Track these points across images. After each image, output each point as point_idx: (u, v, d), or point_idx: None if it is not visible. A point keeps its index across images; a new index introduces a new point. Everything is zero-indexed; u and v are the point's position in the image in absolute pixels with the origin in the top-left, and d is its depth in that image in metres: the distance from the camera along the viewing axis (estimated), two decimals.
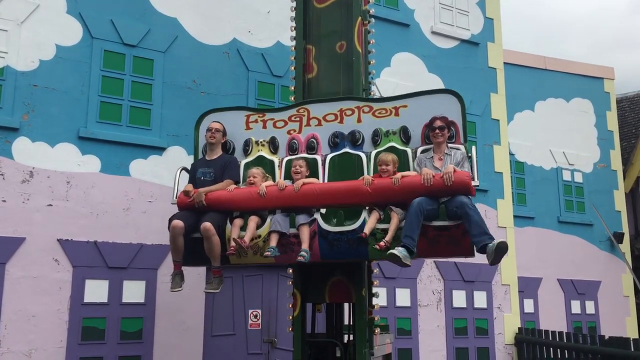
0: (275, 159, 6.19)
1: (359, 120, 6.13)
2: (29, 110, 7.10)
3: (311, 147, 6.15)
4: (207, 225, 5.56)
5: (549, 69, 12.87)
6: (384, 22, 9.44)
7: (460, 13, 10.59)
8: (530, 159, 12.30)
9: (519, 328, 9.99)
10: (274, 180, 5.95)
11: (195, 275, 7.66)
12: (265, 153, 6.26)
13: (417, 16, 10.12)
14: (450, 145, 5.76)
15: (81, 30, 7.53)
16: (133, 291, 7.32)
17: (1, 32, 7.07)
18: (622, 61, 36.60)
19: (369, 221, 5.44)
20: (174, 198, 6.00)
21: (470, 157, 5.63)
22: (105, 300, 7.15)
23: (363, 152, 6.01)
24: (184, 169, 6.31)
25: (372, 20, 7.00)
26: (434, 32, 10.21)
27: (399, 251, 5.11)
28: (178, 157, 7.81)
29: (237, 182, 5.99)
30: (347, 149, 6.06)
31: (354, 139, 6.09)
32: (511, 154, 11.66)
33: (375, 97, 6.57)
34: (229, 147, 6.37)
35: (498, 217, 10.22)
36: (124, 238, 7.36)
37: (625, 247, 12.80)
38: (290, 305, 6.21)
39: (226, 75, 8.31)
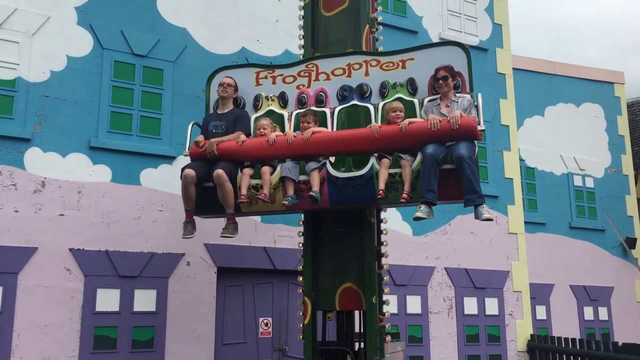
0: (285, 113, 6.33)
1: (366, 74, 6.24)
2: (41, 120, 7.17)
3: (320, 101, 6.29)
4: (219, 172, 5.77)
5: (558, 74, 12.83)
6: (392, 29, 9.45)
7: (469, 19, 10.59)
8: (541, 164, 12.25)
9: (531, 335, 9.92)
10: (282, 132, 6.08)
11: (206, 283, 7.69)
12: (275, 107, 6.40)
13: (425, 23, 10.13)
14: (457, 94, 5.86)
15: (92, 41, 7.60)
16: (144, 300, 7.34)
17: (13, 43, 7.14)
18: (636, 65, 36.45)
19: (381, 173, 5.57)
20: (187, 150, 6.21)
21: (476, 106, 5.73)
22: (117, 309, 7.18)
23: (371, 104, 6.11)
24: (196, 123, 6.50)
25: (380, 27, 7.02)
26: (442, 39, 10.21)
27: (422, 212, 5.38)
28: None
29: (247, 134, 6.16)
30: (355, 102, 6.17)
31: (362, 92, 6.20)
32: (521, 160, 11.62)
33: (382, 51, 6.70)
34: (239, 102, 6.54)
35: (509, 223, 10.18)
36: (135, 247, 7.39)
37: (637, 252, 12.69)
38: (301, 313, 6.20)
39: None
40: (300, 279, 6.31)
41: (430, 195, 5.36)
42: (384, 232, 6.52)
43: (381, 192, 5.55)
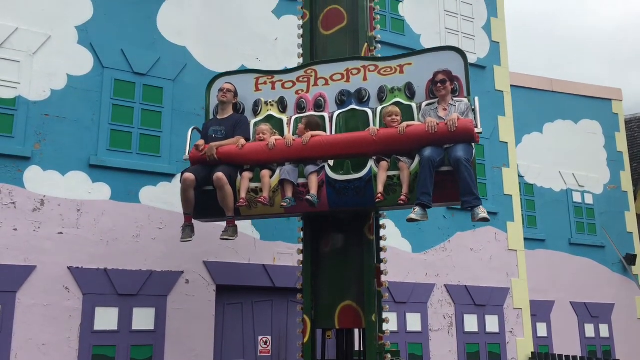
0: (284, 118, 6.40)
1: (364, 79, 6.32)
2: (41, 139, 7.19)
3: (319, 105, 6.35)
4: (219, 174, 5.83)
5: (556, 91, 12.90)
6: (390, 48, 9.50)
7: (466, 37, 10.67)
8: (540, 181, 12.26)
9: (532, 352, 9.85)
10: (282, 137, 6.12)
11: (205, 301, 7.66)
12: (274, 112, 6.47)
13: (423, 41, 10.20)
14: (454, 98, 5.92)
15: (92, 60, 7.65)
16: (143, 318, 7.30)
17: (13, 63, 7.18)
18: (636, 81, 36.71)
19: (380, 175, 5.62)
20: (186, 154, 6.28)
21: (474, 110, 5.78)
22: (115, 328, 7.14)
23: (369, 108, 6.18)
24: (196, 128, 6.56)
25: (379, 45, 7.08)
26: None
27: (416, 214, 5.41)
28: None
29: (247, 139, 6.21)
30: (353, 106, 6.24)
31: (360, 97, 6.27)
32: (520, 176, 11.63)
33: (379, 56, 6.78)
34: (239, 108, 6.60)
35: (508, 240, 10.16)
36: (134, 265, 7.37)
37: (638, 268, 12.66)
38: (300, 331, 6.18)
39: None
40: (300, 296, 6.29)
41: (425, 197, 5.42)
42: (383, 249, 6.51)
43: (380, 195, 5.58)
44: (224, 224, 6.13)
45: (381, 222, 6.58)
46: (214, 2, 8.59)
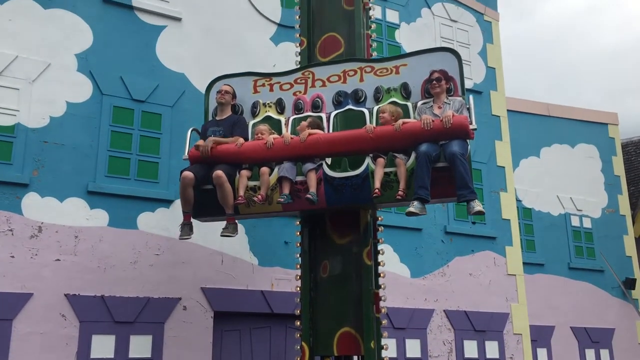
0: (282, 118, 6.53)
1: (361, 80, 6.46)
2: (39, 166, 7.20)
3: (316, 106, 6.49)
4: (219, 172, 5.94)
5: (552, 116, 12.98)
6: None
7: (463, 63, 10.73)
8: (538, 205, 12.27)
9: None
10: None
11: (202, 328, 7.60)
12: (272, 113, 6.61)
13: None
14: (449, 96, 6.07)
15: (91, 87, 7.70)
16: (140, 346, 7.24)
17: (13, 90, 7.23)
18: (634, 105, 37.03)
19: (377, 171, 5.73)
20: (186, 154, 6.39)
21: (468, 108, 5.89)
22: (112, 356, 7.06)
23: (366, 108, 6.31)
24: (195, 129, 6.67)
25: None
26: None
27: (415, 207, 5.50)
28: None
29: (245, 139, 6.31)
30: (350, 106, 6.37)
31: (357, 97, 6.41)
32: (518, 201, 11.64)
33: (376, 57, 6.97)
34: (237, 109, 6.73)
35: (507, 264, 10.14)
36: (131, 292, 7.33)
37: (637, 293, 12.61)
38: (299, 358, 6.12)
39: None
40: (298, 323, 6.25)
41: (423, 191, 5.51)
42: (381, 274, 6.49)
43: (377, 190, 5.67)
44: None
45: (379, 248, 6.58)
46: (212, 29, 8.69)
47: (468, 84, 10.60)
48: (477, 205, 5.52)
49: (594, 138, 13.33)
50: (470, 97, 6.02)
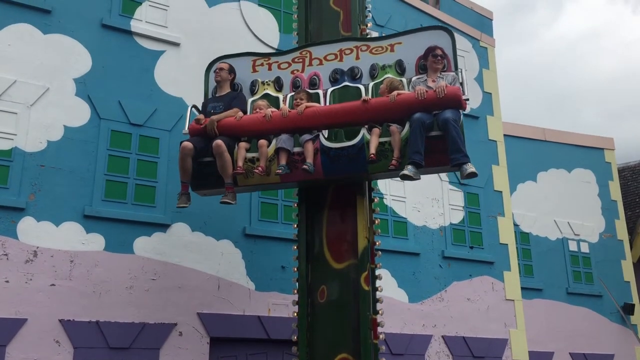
0: (280, 96, 6.70)
1: (357, 58, 6.66)
2: (36, 190, 7.18)
3: (313, 84, 6.67)
4: (218, 142, 6.10)
5: (549, 140, 13.04)
6: None
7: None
8: (535, 229, 12.25)
9: None
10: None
11: (198, 354, 7.51)
12: (270, 91, 6.80)
13: None
14: (442, 72, 6.26)
15: (89, 112, 7.71)
16: None
17: (11, 114, 7.24)
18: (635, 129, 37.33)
19: (372, 140, 5.88)
20: (186, 129, 6.53)
21: (462, 83, 6.05)
22: None
23: (362, 84, 6.50)
24: (194, 106, 6.80)
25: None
26: None
27: (409, 170, 5.65)
28: (182, 234, 7.83)
29: (245, 113, 6.48)
30: (346, 83, 6.56)
31: (353, 74, 6.61)
32: (515, 225, 11.63)
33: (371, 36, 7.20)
34: (237, 88, 6.92)
35: (505, 289, 10.09)
36: (127, 317, 7.26)
37: (636, 318, 12.53)
38: None
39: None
40: (295, 349, 6.19)
41: (417, 156, 5.66)
42: (379, 300, 6.44)
43: (372, 155, 5.82)
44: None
45: (377, 273, 6.54)
46: (211, 54, 8.70)
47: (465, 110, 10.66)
48: (470, 168, 5.68)
49: (591, 163, 13.37)
50: (463, 69, 6.23)
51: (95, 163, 7.58)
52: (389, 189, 9.54)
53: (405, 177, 5.68)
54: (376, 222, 6.71)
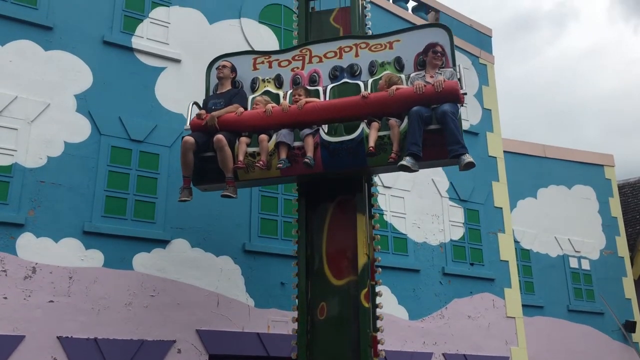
0: (280, 92, 6.79)
1: (356, 55, 6.79)
2: (35, 206, 7.17)
3: (313, 81, 6.79)
4: (219, 136, 6.21)
5: (548, 157, 13.04)
6: None
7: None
8: (536, 246, 12.22)
9: None
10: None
11: None
12: (271, 88, 6.90)
13: None
14: (440, 68, 6.36)
15: (90, 128, 7.72)
16: None
17: (11, 130, 7.25)
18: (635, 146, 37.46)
19: (371, 133, 5.97)
20: (187, 125, 6.59)
21: (459, 79, 6.11)
22: None
23: (361, 81, 6.60)
24: (195, 103, 6.88)
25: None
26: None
27: (407, 161, 5.72)
28: (182, 250, 7.81)
29: (245, 109, 6.56)
30: (346, 80, 6.68)
31: (353, 71, 6.74)
32: (516, 242, 11.59)
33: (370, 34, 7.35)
34: (237, 85, 7.03)
35: (506, 306, 10.04)
36: (125, 334, 7.21)
37: (638, 336, 12.45)
38: None
39: None
40: None
41: (415, 147, 5.74)
42: (379, 317, 6.41)
43: (371, 148, 5.89)
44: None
45: (377, 289, 6.51)
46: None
47: (464, 125, 10.68)
48: (468, 158, 5.75)
49: (591, 179, 13.36)
50: (460, 65, 6.30)
51: (95, 179, 7.57)
52: (389, 205, 9.53)
53: (403, 168, 5.75)
54: (376, 238, 6.70)
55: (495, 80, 11.56)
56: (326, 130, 6.25)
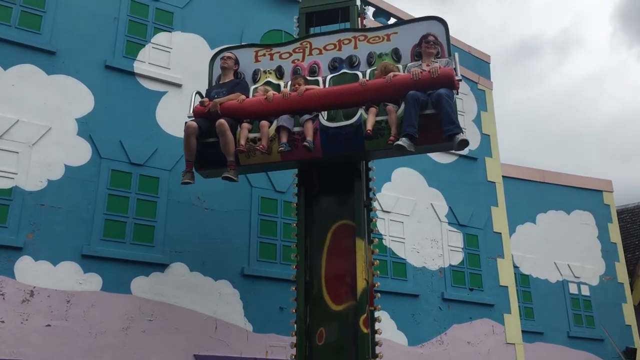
0: (281, 83, 7.01)
1: (355, 47, 7.03)
2: (34, 229, 7.17)
3: (313, 71, 7.01)
4: (221, 121, 6.38)
5: (547, 182, 13.07)
6: None
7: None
8: (535, 271, 12.19)
9: None
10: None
11: None
12: (272, 79, 7.13)
13: None
14: (436, 58, 6.60)
15: (90, 151, 7.76)
16: None
17: (12, 153, 7.27)
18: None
19: (369, 118, 6.15)
20: (190, 112, 6.74)
21: (455, 68, 6.25)
22: None
23: (360, 71, 6.82)
24: (199, 92, 6.99)
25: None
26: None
27: (403, 142, 5.89)
28: (180, 274, 7.78)
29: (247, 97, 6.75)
30: (345, 70, 6.90)
31: (351, 62, 6.97)
32: (515, 267, 11.56)
33: (368, 27, 7.63)
34: (240, 77, 7.24)
35: (506, 332, 9.97)
36: (122, 359, 7.15)
37: None
38: None
39: (230, 192, 8.44)
40: None
41: (411, 129, 5.92)
42: (378, 343, 6.37)
43: (368, 130, 6.06)
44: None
45: (376, 315, 6.48)
46: None
47: (463, 151, 10.74)
48: (461, 136, 5.89)
49: (589, 205, 13.37)
50: (456, 54, 6.48)
51: (94, 202, 7.58)
52: (388, 229, 9.53)
53: (399, 148, 5.91)
54: (375, 263, 6.69)
55: (494, 106, 11.64)
56: (326, 117, 6.43)
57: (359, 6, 7.73)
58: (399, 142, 5.90)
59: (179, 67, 8.69)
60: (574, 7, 50.69)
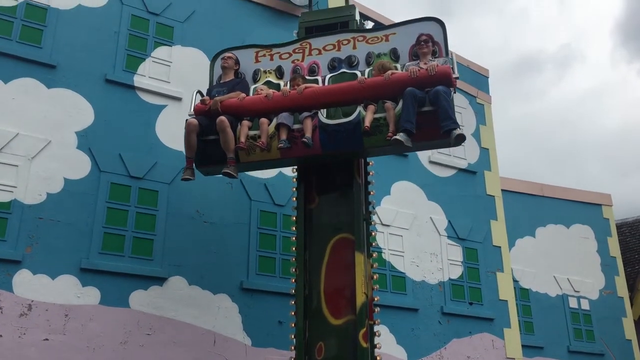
0: (281, 82, 7.12)
1: (354, 48, 7.15)
2: (33, 242, 7.15)
3: (312, 71, 7.12)
4: (222, 118, 6.45)
5: (546, 196, 13.07)
6: (384, 157, 9.72)
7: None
8: (535, 285, 12.15)
9: None
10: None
11: None
12: (272, 78, 7.23)
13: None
14: (434, 57, 6.69)
15: (89, 164, 7.76)
16: None
17: (11, 167, 7.28)
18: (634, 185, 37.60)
19: (367, 115, 6.25)
20: (191, 110, 6.79)
21: (452, 68, 6.31)
22: None
23: (358, 70, 6.92)
24: (199, 91, 7.06)
25: (371, 162, 7.29)
26: (431, 162, 10.51)
27: (401, 136, 5.98)
28: (179, 287, 7.76)
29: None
30: (344, 70, 7.00)
31: (350, 62, 7.10)
32: (515, 281, 11.53)
33: (367, 27, 7.84)
34: (240, 76, 7.33)
35: (506, 347, 9.92)
36: None
37: None
38: None
39: (229, 205, 8.45)
40: None
41: (408, 124, 6.01)
42: (377, 357, 6.33)
43: (366, 127, 6.15)
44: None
45: (375, 329, 6.45)
46: None
47: (462, 164, 10.76)
48: (458, 131, 5.97)
49: (589, 219, 13.36)
50: (453, 53, 6.61)
51: (93, 215, 7.57)
52: (387, 243, 9.51)
53: (397, 143, 5.97)
54: (374, 277, 6.67)
55: (493, 120, 11.67)
56: (325, 114, 6.49)
57: (358, 20, 7.79)
58: (397, 137, 6.00)
59: (179, 81, 8.72)
60: (574, 23, 51.06)
